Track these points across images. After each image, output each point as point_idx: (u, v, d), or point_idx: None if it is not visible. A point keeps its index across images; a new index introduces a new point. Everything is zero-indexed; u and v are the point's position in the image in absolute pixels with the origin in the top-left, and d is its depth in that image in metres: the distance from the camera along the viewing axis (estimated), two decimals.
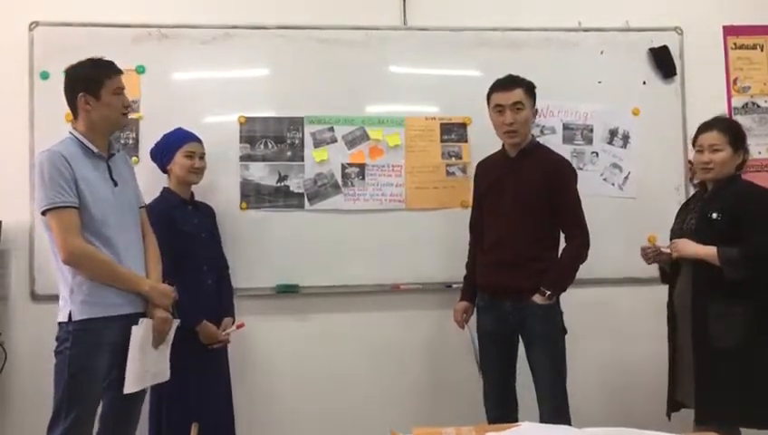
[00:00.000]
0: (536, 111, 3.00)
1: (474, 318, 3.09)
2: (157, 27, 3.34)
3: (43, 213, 2.42)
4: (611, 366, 3.57)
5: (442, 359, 3.41)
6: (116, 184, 2.57)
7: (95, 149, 2.53)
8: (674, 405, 2.79)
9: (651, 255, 2.83)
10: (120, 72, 2.58)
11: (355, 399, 3.42)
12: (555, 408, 2.82)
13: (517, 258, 2.87)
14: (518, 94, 2.90)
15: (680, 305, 2.76)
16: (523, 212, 2.88)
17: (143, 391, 2.65)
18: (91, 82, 2.51)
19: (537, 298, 2.83)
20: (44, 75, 3.28)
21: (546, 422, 2.35)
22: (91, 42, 3.23)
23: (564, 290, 2.91)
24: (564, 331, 2.93)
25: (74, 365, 2.39)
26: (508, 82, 2.94)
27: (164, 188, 3.08)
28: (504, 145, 3.04)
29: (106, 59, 2.58)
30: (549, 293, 2.83)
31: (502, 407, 2.95)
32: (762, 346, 2.57)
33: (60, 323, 2.46)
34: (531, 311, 2.84)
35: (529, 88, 2.94)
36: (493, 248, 2.95)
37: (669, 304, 2.84)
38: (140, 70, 3.29)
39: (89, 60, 2.57)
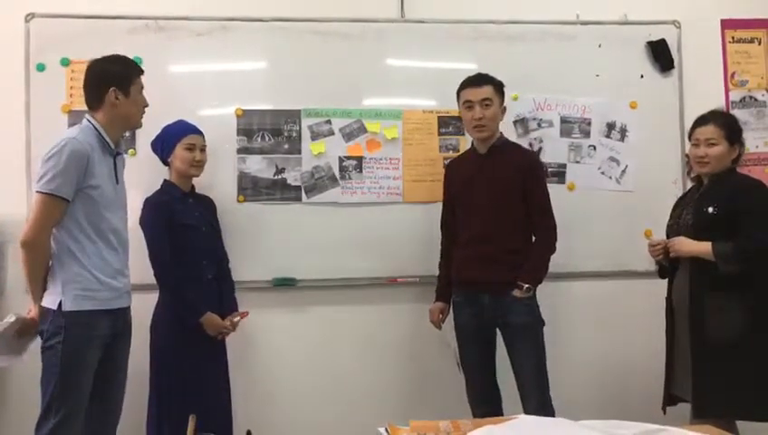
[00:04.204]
0: (504, 108, 3.06)
1: (449, 318, 3.13)
2: (153, 19, 3.33)
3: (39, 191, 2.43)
4: (607, 359, 3.57)
5: (438, 352, 3.41)
6: (117, 182, 2.61)
7: (111, 144, 2.57)
8: (670, 399, 2.81)
9: (661, 252, 2.80)
10: (143, 71, 2.66)
11: (351, 391, 3.43)
12: (541, 401, 2.86)
13: (496, 252, 2.91)
14: (487, 91, 2.97)
15: (679, 300, 2.77)
16: (500, 206, 2.93)
17: (122, 389, 2.65)
18: (122, 78, 2.57)
19: (516, 293, 2.87)
20: (41, 67, 3.26)
21: (532, 414, 2.35)
22: (88, 33, 3.24)
23: (541, 282, 2.95)
24: (543, 323, 2.95)
25: (67, 359, 2.39)
26: (477, 80, 3.01)
27: (164, 180, 3.08)
28: (473, 143, 3.10)
29: (130, 58, 2.70)
30: (527, 286, 2.86)
31: (487, 403, 2.98)
32: (759, 340, 2.58)
33: (47, 311, 2.45)
34: (510, 304, 2.88)
35: (498, 86, 3.01)
36: (470, 243, 2.98)
37: (668, 299, 2.85)
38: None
39: (117, 56, 2.64)
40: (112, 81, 2.55)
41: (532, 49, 3.53)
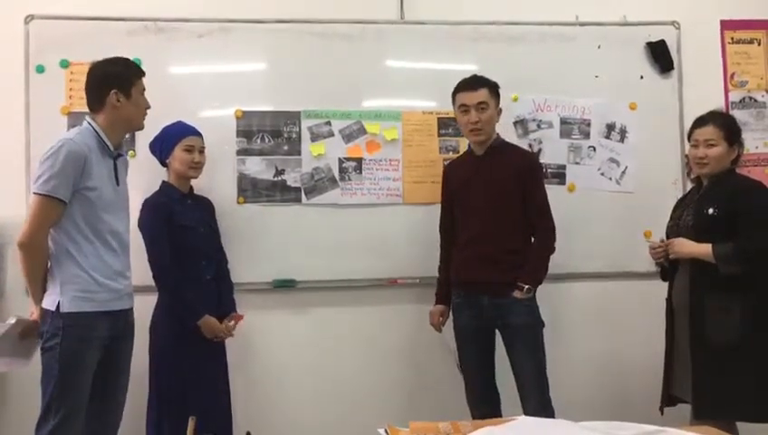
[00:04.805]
0: (500, 110, 3.05)
1: (449, 321, 3.13)
2: (153, 20, 3.33)
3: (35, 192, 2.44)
4: (606, 360, 3.57)
5: (438, 353, 3.40)
6: (117, 184, 2.61)
7: (111, 147, 2.57)
8: (669, 400, 2.80)
9: (662, 254, 2.80)
10: (144, 73, 2.66)
11: (351, 393, 3.42)
12: (541, 401, 2.86)
13: (496, 253, 2.91)
14: (483, 94, 2.96)
15: (679, 301, 2.77)
16: (498, 207, 2.93)
17: (124, 391, 2.65)
18: (124, 79, 2.57)
19: (517, 294, 2.87)
20: (40, 69, 3.26)
21: (532, 415, 2.35)
22: (87, 35, 3.25)
23: (541, 283, 2.94)
24: (542, 324, 2.95)
25: (65, 360, 2.39)
26: (473, 83, 3.00)
27: (163, 181, 3.08)
28: (470, 145, 3.10)
29: (131, 59, 2.70)
30: (527, 287, 2.86)
31: (486, 404, 2.98)
32: (759, 341, 2.58)
33: (46, 312, 2.45)
34: (510, 305, 2.88)
35: (493, 88, 3.01)
36: (470, 244, 2.98)
37: (668, 300, 2.85)
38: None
39: (118, 58, 2.64)
40: (113, 83, 2.55)
41: (532, 50, 3.53)
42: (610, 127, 3.60)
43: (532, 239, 2.99)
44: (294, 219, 3.39)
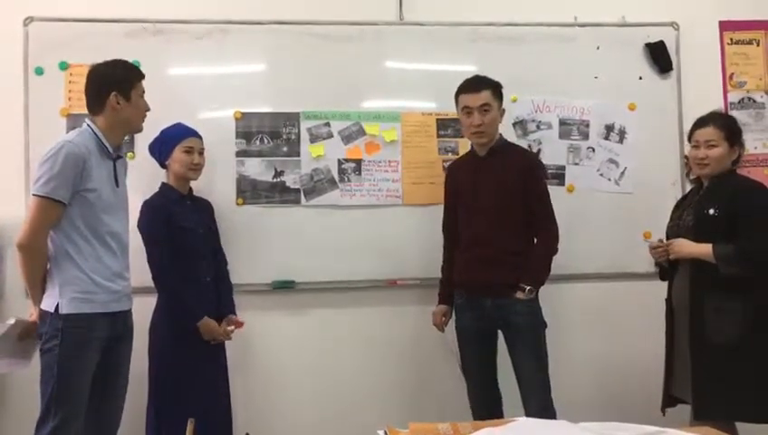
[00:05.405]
0: (503, 111, 3.04)
1: (451, 322, 3.13)
2: (152, 22, 3.33)
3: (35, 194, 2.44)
4: (606, 361, 3.57)
5: (439, 354, 3.41)
6: (117, 185, 2.61)
7: (110, 149, 2.57)
8: (670, 400, 2.80)
9: (662, 254, 2.79)
10: (144, 76, 2.67)
11: (351, 394, 3.42)
12: (543, 402, 2.85)
13: (498, 254, 2.91)
14: (485, 96, 2.94)
15: (678, 302, 2.77)
16: (500, 208, 2.92)
17: (123, 392, 2.65)
18: (123, 82, 2.58)
19: (519, 295, 2.86)
20: (39, 71, 3.26)
21: (533, 416, 2.35)
22: (86, 37, 3.25)
23: (543, 284, 2.94)
24: (545, 325, 2.94)
25: (64, 362, 2.39)
26: (476, 84, 2.98)
27: (162, 183, 3.07)
28: (472, 145, 3.09)
29: (130, 62, 2.70)
30: (529, 288, 2.86)
31: (488, 405, 2.99)
32: (759, 341, 2.58)
33: (45, 314, 2.45)
34: (512, 307, 2.87)
35: (496, 89, 2.99)
36: (472, 245, 2.98)
37: (668, 300, 2.85)
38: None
39: (117, 60, 2.64)
40: (113, 85, 2.55)
41: (531, 51, 3.54)
42: (609, 128, 3.60)
43: (535, 240, 2.98)
44: (294, 221, 3.39)
